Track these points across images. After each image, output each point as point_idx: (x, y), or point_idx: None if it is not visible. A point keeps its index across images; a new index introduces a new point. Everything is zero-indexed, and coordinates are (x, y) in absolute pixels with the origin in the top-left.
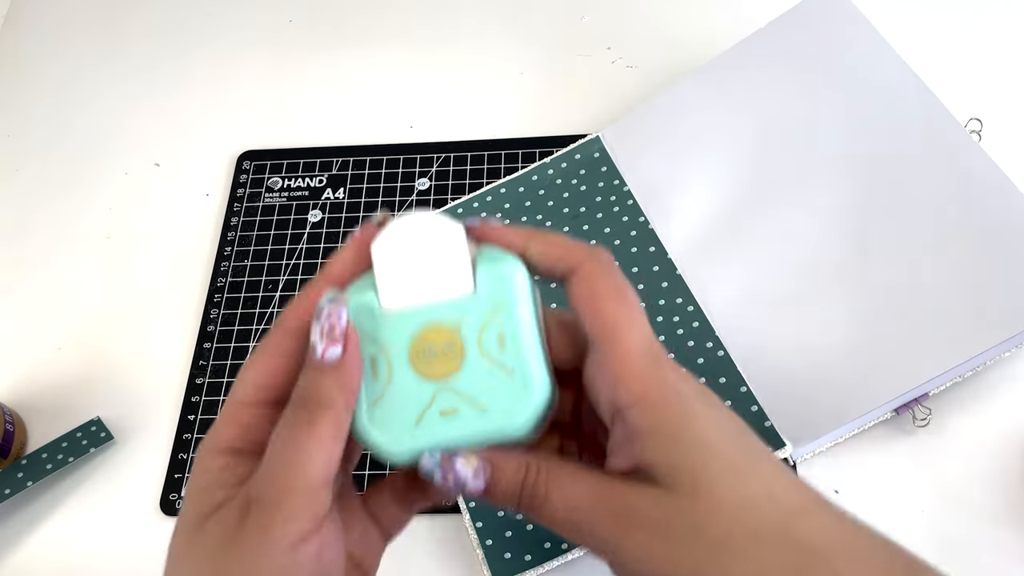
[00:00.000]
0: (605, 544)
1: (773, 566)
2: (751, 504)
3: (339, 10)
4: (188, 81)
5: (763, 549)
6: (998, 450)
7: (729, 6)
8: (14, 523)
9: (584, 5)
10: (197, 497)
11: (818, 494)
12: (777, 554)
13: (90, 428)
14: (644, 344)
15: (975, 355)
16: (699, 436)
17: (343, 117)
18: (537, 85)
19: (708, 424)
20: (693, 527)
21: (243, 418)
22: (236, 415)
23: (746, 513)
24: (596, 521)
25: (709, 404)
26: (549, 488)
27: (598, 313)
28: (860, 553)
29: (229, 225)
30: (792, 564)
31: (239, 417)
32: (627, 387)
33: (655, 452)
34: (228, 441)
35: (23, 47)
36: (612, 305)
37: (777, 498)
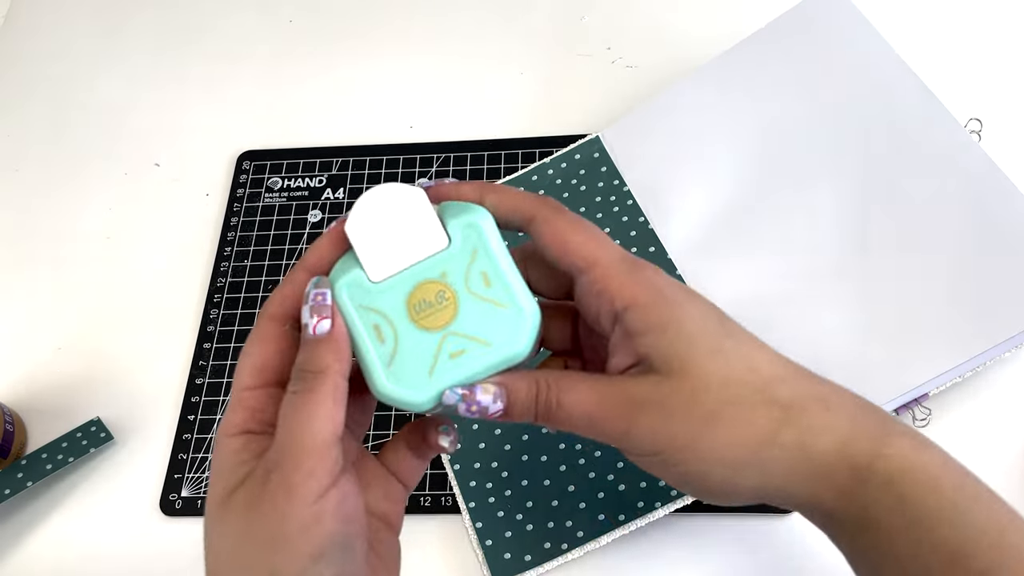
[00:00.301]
0: (616, 432)
1: (758, 423)
2: (735, 378)
3: (339, 10)
4: (188, 81)
5: (748, 412)
6: (998, 450)
7: (729, 6)
8: (14, 523)
9: (584, 5)
10: (220, 477)
11: (796, 365)
12: (760, 413)
13: (90, 428)
14: (619, 256)
15: (975, 355)
16: (685, 326)
17: (343, 117)
18: (537, 85)
19: (692, 315)
20: (687, 403)
21: (249, 402)
22: (242, 400)
23: (731, 385)
24: (605, 414)
25: (691, 297)
26: (560, 396)
27: (570, 246)
28: (833, 403)
29: (229, 225)
30: (775, 418)
31: (245, 402)
32: (618, 295)
33: (649, 345)
34: (239, 425)
35: (23, 47)
36: (579, 237)
37: (758, 370)
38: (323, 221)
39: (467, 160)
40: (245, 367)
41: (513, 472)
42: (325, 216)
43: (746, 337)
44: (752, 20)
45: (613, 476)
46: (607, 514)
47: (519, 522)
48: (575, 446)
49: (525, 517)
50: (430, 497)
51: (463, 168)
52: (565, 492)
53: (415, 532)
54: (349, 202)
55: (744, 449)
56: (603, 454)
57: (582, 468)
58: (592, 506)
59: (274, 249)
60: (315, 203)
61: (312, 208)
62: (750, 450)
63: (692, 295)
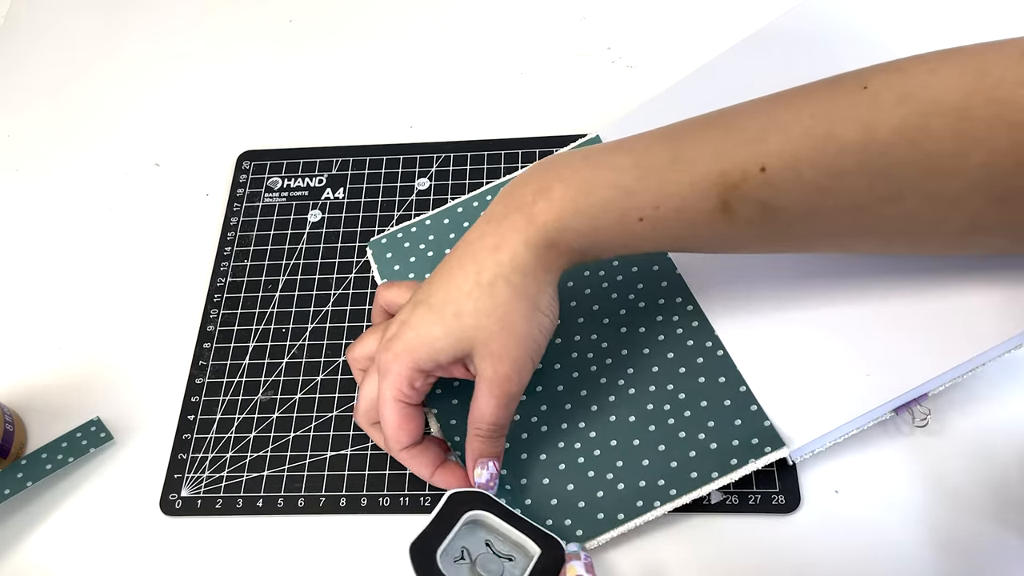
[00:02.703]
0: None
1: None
2: (465, 302)
3: (339, 10)
4: (188, 81)
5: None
6: (998, 450)
7: (729, 6)
8: (14, 523)
9: (584, 5)
10: None
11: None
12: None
13: (90, 428)
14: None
15: (974, 356)
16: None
17: (343, 117)
18: (537, 85)
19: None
20: (483, 361)
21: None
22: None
23: (483, 326)
24: (490, 404)
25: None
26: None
27: None
28: (502, 241)
29: (229, 225)
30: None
31: None
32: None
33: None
34: None
35: (23, 47)
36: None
37: (475, 277)
38: (323, 221)
39: (467, 160)
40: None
41: (512, 470)
42: (325, 216)
43: (453, 297)
44: (752, 20)
45: (612, 475)
46: (606, 513)
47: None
48: (575, 445)
49: (524, 514)
50: (429, 497)
51: (463, 168)
52: (564, 490)
53: (415, 532)
54: (349, 202)
55: (528, 319)
56: (602, 453)
57: (581, 467)
58: (590, 505)
59: (274, 249)
60: (315, 203)
61: (312, 208)
62: (530, 315)
63: (427, 326)
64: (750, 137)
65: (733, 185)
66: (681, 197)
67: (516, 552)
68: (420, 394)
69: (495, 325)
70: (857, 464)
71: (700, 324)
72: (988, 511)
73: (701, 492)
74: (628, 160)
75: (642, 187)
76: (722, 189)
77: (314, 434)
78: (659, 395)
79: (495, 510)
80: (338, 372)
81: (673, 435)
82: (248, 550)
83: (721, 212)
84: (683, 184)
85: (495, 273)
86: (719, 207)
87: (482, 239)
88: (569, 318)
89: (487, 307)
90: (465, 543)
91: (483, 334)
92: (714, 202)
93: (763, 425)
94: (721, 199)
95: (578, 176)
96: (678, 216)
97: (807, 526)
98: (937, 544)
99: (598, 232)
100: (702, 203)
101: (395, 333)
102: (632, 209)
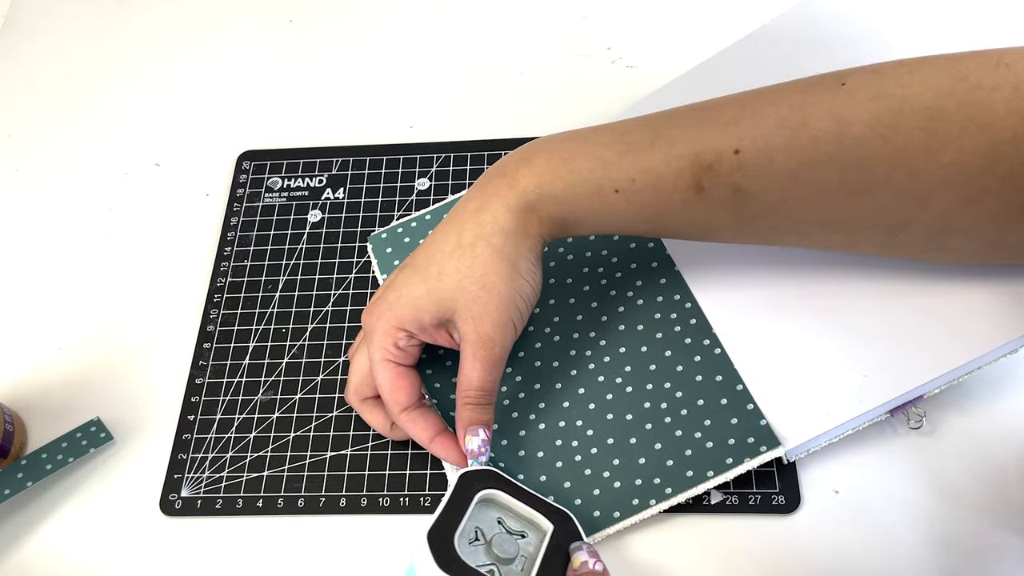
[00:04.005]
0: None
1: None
2: (459, 286)
3: (339, 10)
4: (188, 81)
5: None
6: (994, 451)
7: (729, 6)
8: (14, 523)
9: (584, 5)
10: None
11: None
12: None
13: (90, 428)
14: None
15: (970, 361)
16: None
17: (343, 117)
18: (537, 85)
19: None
20: (466, 319)
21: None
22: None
23: (467, 289)
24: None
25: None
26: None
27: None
28: (484, 201)
29: (229, 225)
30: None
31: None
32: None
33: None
34: None
35: (23, 47)
36: None
37: (456, 242)
38: (323, 221)
39: (467, 160)
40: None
41: (509, 467)
42: (325, 216)
43: (436, 259)
44: (752, 20)
45: (609, 473)
46: (602, 511)
47: None
48: (572, 443)
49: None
50: (430, 497)
51: (463, 168)
52: (561, 488)
53: (415, 532)
54: (349, 202)
55: (509, 282)
56: (599, 451)
57: (578, 465)
58: (587, 502)
59: (274, 249)
60: (315, 203)
61: (312, 208)
62: (511, 279)
63: (410, 288)
64: (727, 121)
65: (707, 166)
66: (657, 173)
67: (529, 529)
68: (408, 355)
69: (475, 286)
70: (856, 464)
71: (698, 322)
72: (987, 511)
73: (697, 491)
74: (611, 137)
75: (620, 160)
76: (697, 168)
77: (314, 434)
78: (656, 393)
79: (505, 487)
80: (338, 372)
81: (670, 433)
82: (248, 550)
83: (694, 192)
84: (659, 161)
85: (476, 234)
86: (693, 186)
87: (466, 203)
88: (567, 315)
89: (467, 267)
90: (479, 523)
91: (465, 296)
92: (688, 180)
93: (759, 424)
94: (695, 178)
95: (561, 148)
96: (653, 193)
97: (807, 526)
98: (936, 544)
99: (575, 201)
100: (677, 181)
101: (379, 295)
102: (609, 181)
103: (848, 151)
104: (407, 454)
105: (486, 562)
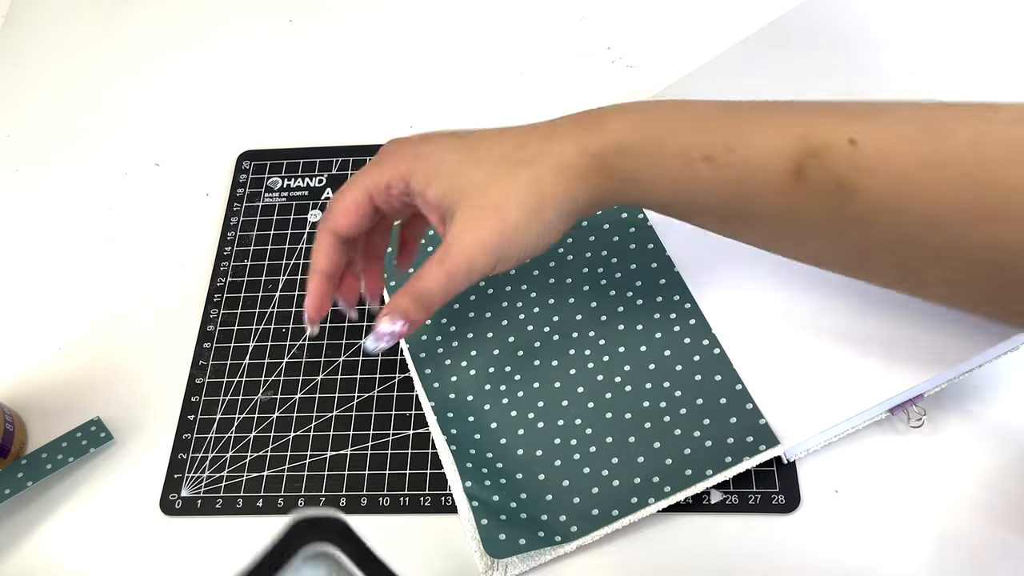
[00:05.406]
0: (462, 272)
1: (519, 203)
2: (493, 172)
3: (339, 10)
4: (188, 81)
5: (510, 197)
6: (994, 450)
7: (729, 6)
8: (14, 523)
9: (584, 5)
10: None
11: (525, 133)
12: (513, 199)
13: (90, 428)
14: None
15: (971, 359)
16: (457, 183)
17: (343, 117)
18: (537, 85)
19: (449, 171)
20: (480, 227)
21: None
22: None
23: (489, 195)
24: (448, 271)
25: (447, 151)
26: (419, 285)
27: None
28: (557, 134)
29: (229, 225)
30: (524, 186)
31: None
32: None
33: (439, 206)
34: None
35: (23, 47)
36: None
37: (510, 154)
38: None
39: None
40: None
41: (508, 465)
42: None
43: (491, 135)
44: (752, 20)
45: (607, 471)
46: (600, 509)
47: (514, 509)
48: (570, 441)
49: (519, 507)
50: (430, 497)
51: None
52: (559, 487)
53: (415, 531)
54: None
55: (530, 201)
56: (597, 450)
57: (577, 463)
58: (586, 501)
59: (274, 249)
60: (315, 203)
61: (312, 208)
62: (533, 200)
63: (437, 142)
64: (851, 112)
65: (814, 151)
66: (757, 147)
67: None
68: (388, 203)
69: (494, 200)
70: (856, 464)
71: (697, 322)
72: (987, 511)
73: (696, 489)
74: (713, 106)
75: (720, 123)
76: (802, 152)
77: (314, 434)
78: (655, 392)
79: (348, 545)
80: (338, 372)
81: (669, 432)
82: (248, 550)
83: (793, 177)
84: (764, 135)
85: (533, 155)
86: (793, 170)
87: (538, 127)
88: (566, 314)
89: (502, 178)
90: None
91: (478, 200)
92: (789, 163)
93: (758, 423)
94: (798, 162)
95: (659, 106)
96: (745, 169)
97: (807, 526)
98: (936, 543)
99: (654, 160)
100: (778, 160)
101: (415, 140)
102: (701, 144)
103: (977, 169)
104: (407, 454)
105: None
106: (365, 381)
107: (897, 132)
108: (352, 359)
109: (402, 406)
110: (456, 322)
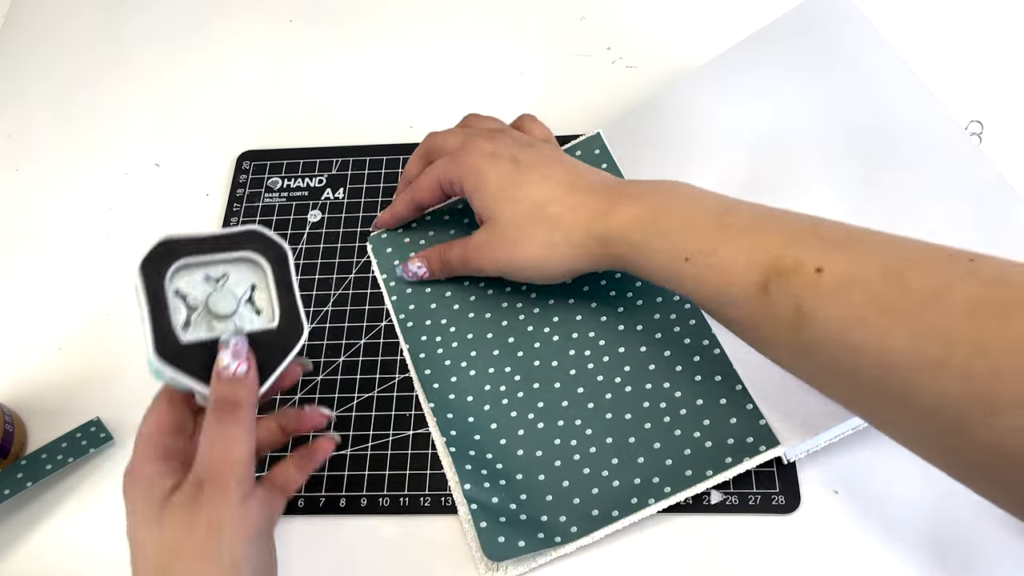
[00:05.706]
0: (472, 265)
1: (540, 237)
2: (522, 212)
3: (339, 10)
4: (188, 81)
5: (533, 232)
6: None
7: (729, 6)
8: (14, 523)
9: (584, 5)
10: (147, 490)
11: (569, 183)
12: (540, 230)
13: (90, 428)
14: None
15: None
16: (489, 188)
17: (343, 117)
18: (537, 85)
19: (492, 178)
20: (500, 238)
21: (162, 440)
22: (153, 439)
23: (520, 219)
24: (465, 257)
25: (493, 163)
26: (447, 254)
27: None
28: (579, 204)
29: (229, 225)
30: (548, 230)
31: (159, 440)
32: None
33: (477, 207)
34: (155, 457)
35: (23, 47)
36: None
37: (538, 203)
38: (323, 221)
39: None
40: (151, 422)
41: (508, 466)
42: (325, 216)
43: (536, 177)
44: (752, 20)
45: (607, 472)
46: (600, 510)
47: (513, 511)
48: (570, 442)
49: (519, 508)
50: (430, 497)
51: None
52: (559, 487)
53: (415, 532)
54: (349, 202)
55: (539, 254)
56: (597, 450)
57: (577, 464)
58: (586, 501)
59: None
60: (315, 203)
61: (312, 208)
62: (542, 254)
63: (493, 162)
64: (827, 240)
65: (781, 270)
66: (730, 258)
67: (232, 268)
68: (452, 191)
69: (511, 238)
70: (857, 464)
71: (697, 322)
72: (986, 511)
73: (696, 490)
74: (712, 205)
75: (706, 231)
76: (769, 269)
77: (314, 434)
78: (655, 393)
79: (279, 271)
80: (338, 372)
81: (669, 433)
82: None
83: (757, 291)
84: (739, 246)
85: (553, 220)
86: (759, 284)
87: (573, 184)
88: (566, 315)
89: (524, 227)
90: (185, 298)
91: (501, 231)
92: (756, 277)
93: (758, 424)
94: (764, 276)
95: (671, 199)
96: (719, 275)
97: (807, 526)
98: (936, 544)
99: (645, 254)
100: (747, 272)
101: (484, 147)
102: (685, 247)
103: (928, 317)
104: (407, 454)
105: (215, 328)
106: (365, 381)
107: (862, 270)
108: (352, 359)
109: (402, 406)
110: (456, 322)
